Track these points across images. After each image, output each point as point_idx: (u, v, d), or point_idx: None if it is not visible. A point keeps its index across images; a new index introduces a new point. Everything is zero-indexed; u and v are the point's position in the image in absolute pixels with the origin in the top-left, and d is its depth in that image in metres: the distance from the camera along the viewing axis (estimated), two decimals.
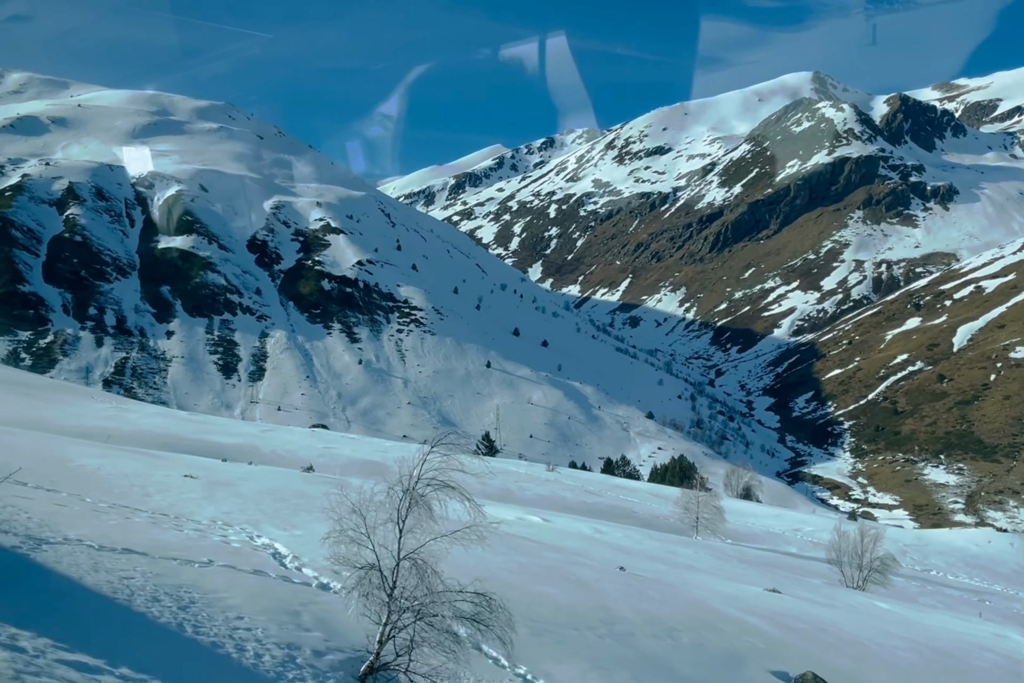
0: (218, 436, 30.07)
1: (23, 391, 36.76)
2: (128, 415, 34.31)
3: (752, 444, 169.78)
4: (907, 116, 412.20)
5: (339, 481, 21.59)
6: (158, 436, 27.33)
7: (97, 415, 31.63)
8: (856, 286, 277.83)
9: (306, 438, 36.75)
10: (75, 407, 34.09)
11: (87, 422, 28.56)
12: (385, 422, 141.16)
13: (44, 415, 28.83)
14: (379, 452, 33.99)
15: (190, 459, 22.48)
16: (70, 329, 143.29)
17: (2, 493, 10.99)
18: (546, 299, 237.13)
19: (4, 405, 30.02)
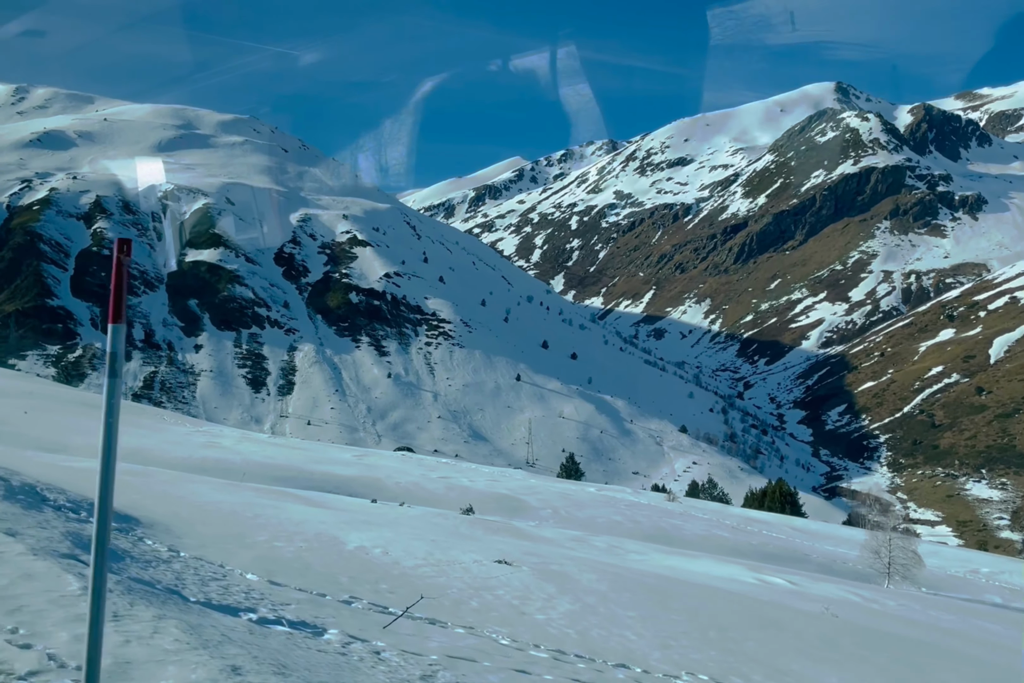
0: (329, 465, 27.81)
1: (94, 413, 34.95)
2: (221, 441, 32.27)
3: (787, 458, 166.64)
4: (931, 126, 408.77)
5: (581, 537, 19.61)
6: (274, 468, 25.06)
7: (193, 442, 29.65)
8: (885, 297, 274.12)
9: (410, 465, 34.23)
10: (164, 433, 31.99)
11: (194, 452, 26.46)
12: (415, 436, 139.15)
13: (144, 444, 26.71)
14: (494, 482, 31.41)
15: (347, 502, 20.20)
16: (98, 343, 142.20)
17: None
18: (572, 311, 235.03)
19: (93, 433, 28.02)
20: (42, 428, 26.56)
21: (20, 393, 36.40)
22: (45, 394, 38.76)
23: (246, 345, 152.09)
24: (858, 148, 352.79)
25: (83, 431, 27.90)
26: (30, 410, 30.33)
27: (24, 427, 25.87)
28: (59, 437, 25.11)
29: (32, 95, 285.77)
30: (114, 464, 3.54)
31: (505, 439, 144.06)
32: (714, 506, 38.75)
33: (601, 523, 23.61)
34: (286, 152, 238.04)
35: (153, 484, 16.68)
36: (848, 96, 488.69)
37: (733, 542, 23.78)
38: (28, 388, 41.80)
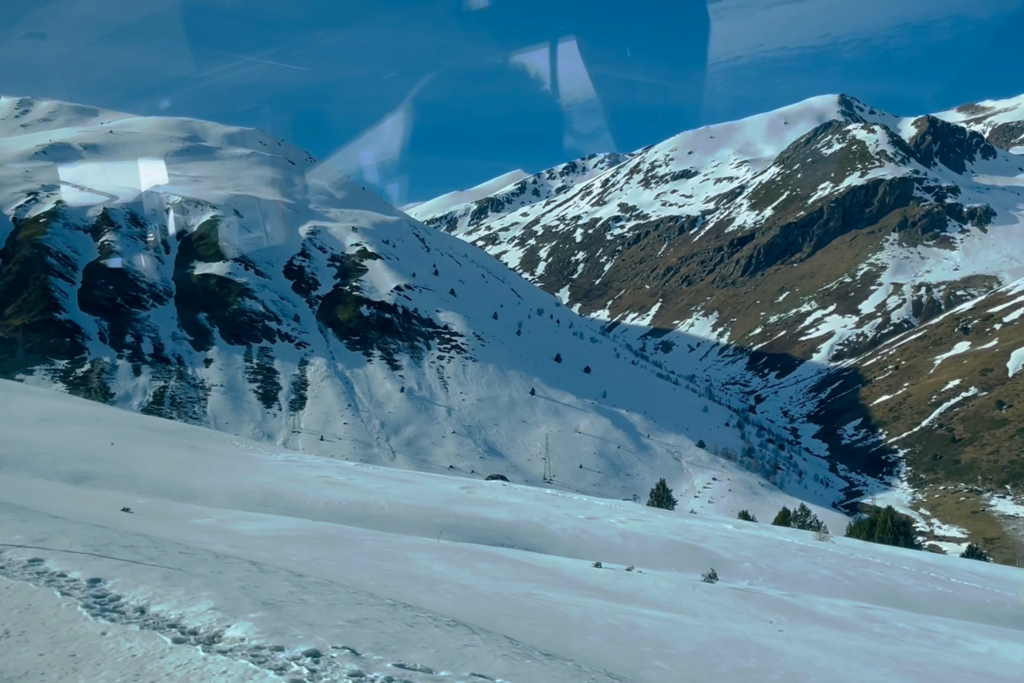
0: (469, 505, 24.92)
1: (172, 441, 32.13)
2: (330, 473, 29.35)
3: (805, 474, 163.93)
4: (936, 138, 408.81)
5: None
6: (426, 513, 21.72)
7: (305, 478, 26.72)
8: (896, 310, 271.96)
9: (536, 500, 30.89)
10: (257, 463, 29.02)
11: (325, 493, 22.81)
12: (430, 452, 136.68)
13: (261, 482, 24.10)
14: (639, 521, 28.19)
15: (575, 569, 17.29)
16: (107, 357, 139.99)
17: None
18: (581, 324, 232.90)
19: (201, 469, 25.47)
20: (145, 464, 24.29)
21: (86, 418, 33.70)
22: (107, 418, 36.13)
23: (257, 359, 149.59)
24: (865, 160, 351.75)
25: (190, 467, 25.74)
26: (104, 438, 27.87)
27: (129, 464, 23.32)
28: (175, 477, 22.96)
29: (36, 108, 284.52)
30: None
31: (521, 455, 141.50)
32: (858, 544, 36.12)
33: (815, 580, 20.90)
34: (293, 164, 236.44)
35: (365, 556, 14.34)
36: (852, 108, 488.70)
37: (969, 602, 21.04)
38: (86, 411, 39.18)
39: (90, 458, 23.37)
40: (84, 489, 19.32)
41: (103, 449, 25.14)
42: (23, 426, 27.16)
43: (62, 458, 22.57)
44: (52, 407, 35.85)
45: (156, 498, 19.25)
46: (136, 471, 21.99)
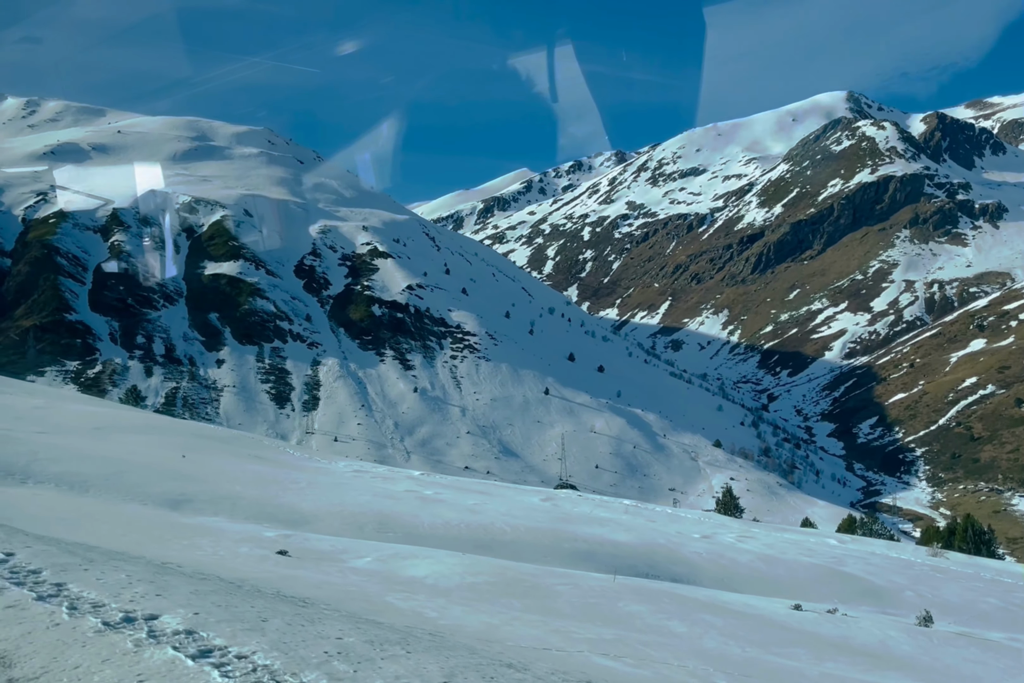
0: (576, 525, 23.26)
1: (233, 449, 30.51)
2: (422, 489, 27.71)
3: (822, 473, 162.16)
4: (945, 134, 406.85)
5: None
6: (550, 536, 20.45)
7: (393, 492, 25.15)
8: (908, 307, 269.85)
9: (633, 517, 29.22)
10: (334, 476, 27.10)
11: (444, 515, 20.98)
12: (445, 452, 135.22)
13: (360, 501, 22.33)
14: (750, 538, 26.51)
15: (774, 613, 15.56)
16: (118, 358, 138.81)
17: None
18: (592, 323, 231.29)
19: (290, 487, 23.74)
20: (233, 481, 22.75)
21: (139, 426, 31.76)
22: (159, 426, 34.51)
23: (269, 359, 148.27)
24: (875, 157, 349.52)
25: (277, 483, 24.09)
26: (170, 449, 26.23)
27: (218, 482, 21.84)
28: (274, 497, 21.44)
29: (43, 108, 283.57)
30: None
31: (536, 455, 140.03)
32: (963, 558, 34.41)
33: (990, 612, 19.02)
34: (301, 163, 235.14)
35: (580, 611, 12.79)
36: (860, 105, 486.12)
37: None
38: (133, 417, 37.30)
39: (176, 476, 21.84)
40: (189, 516, 17.91)
41: (180, 463, 23.56)
42: (81, 437, 25.56)
43: (148, 477, 21.18)
44: (98, 414, 34.18)
45: (274, 526, 17.68)
46: (230, 491, 20.42)
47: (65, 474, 19.70)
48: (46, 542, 8.99)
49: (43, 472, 19.65)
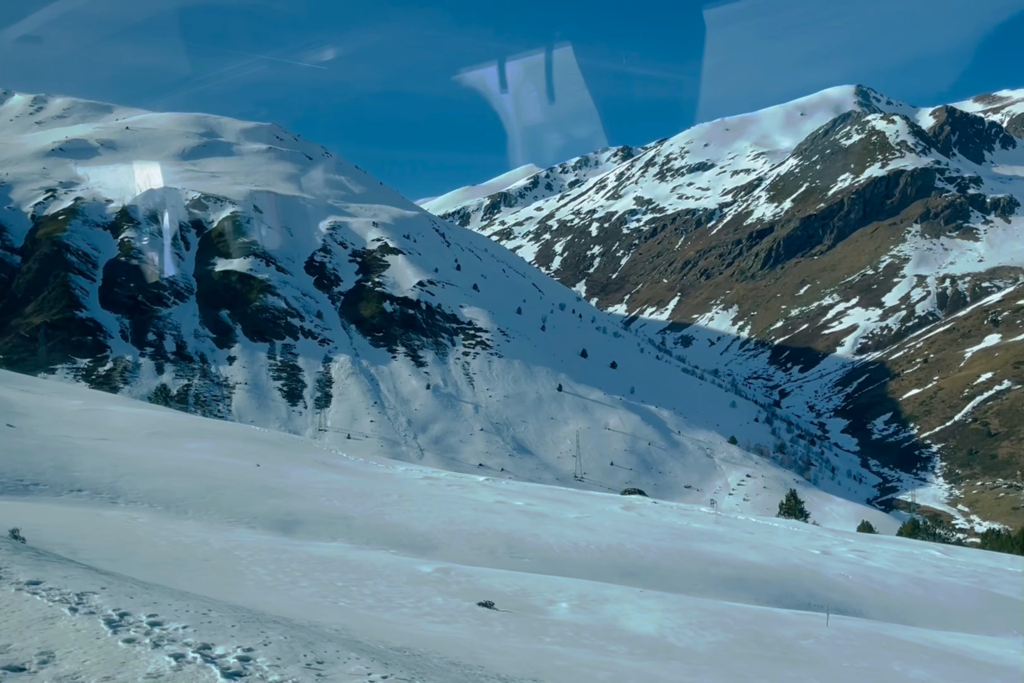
0: (709, 543, 21.81)
1: (296, 455, 28.97)
2: (511, 499, 26.39)
3: (838, 470, 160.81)
4: (954, 128, 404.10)
5: None
6: (688, 559, 19.00)
7: (479, 503, 23.94)
8: (920, 302, 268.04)
9: (728, 528, 27.57)
10: (410, 485, 25.84)
11: (570, 535, 20.03)
12: (459, 450, 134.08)
13: (472, 518, 20.83)
14: (862, 552, 25.03)
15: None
16: (129, 356, 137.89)
17: None
18: (603, 319, 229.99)
19: (387, 503, 22.02)
20: (329, 496, 21.15)
21: (193, 430, 30.14)
22: (211, 429, 33.28)
23: (280, 356, 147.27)
24: (885, 151, 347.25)
25: (373, 497, 22.43)
26: (240, 456, 24.78)
27: (315, 498, 20.34)
28: (383, 515, 19.97)
29: (50, 105, 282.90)
30: None
31: (550, 452, 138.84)
32: None
33: None
34: (310, 159, 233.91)
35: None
36: (868, 99, 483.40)
37: None
38: (183, 420, 35.88)
39: (268, 490, 20.47)
40: (310, 542, 16.41)
41: (263, 475, 22.18)
42: (143, 444, 24.22)
43: (242, 493, 19.73)
44: (144, 417, 32.78)
45: (408, 553, 16.29)
46: (332, 508, 19.05)
47: (156, 492, 18.42)
48: (243, 617, 7.47)
49: (132, 490, 18.40)
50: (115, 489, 17.79)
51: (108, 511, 15.66)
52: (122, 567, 10.20)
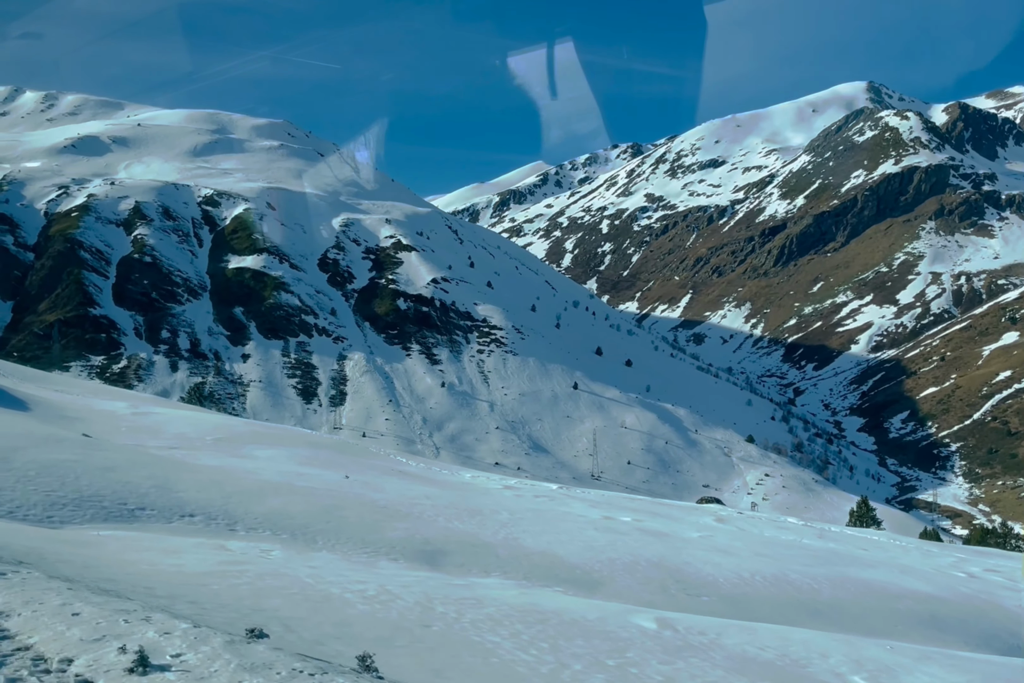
0: (868, 569, 19.99)
1: (366, 462, 27.26)
2: (618, 513, 24.84)
3: (856, 469, 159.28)
4: (967, 125, 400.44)
5: None
6: (861, 592, 17.17)
7: (605, 524, 22.42)
8: (935, 299, 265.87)
9: (840, 543, 25.65)
10: (495, 495, 24.45)
11: (727, 563, 18.41)
12: (474, 448, 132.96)
13: (609, 542, 18.78)
14: (993, 571, 23.05)
15: None
16: (143, 353, 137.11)
17: None
18: (616, 317, 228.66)
19: (505, 522, 20.30)
20: (438, 513, 19.66)
21: (253, 435, 28.68)
22: (269, 433, 31.86)
23: (294, 354, 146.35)
24: (899, 147, 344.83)
25: (481, 514, 20.68)
26: (317, 465, 23.15)
27: (432, 519, 18.75)
28: (513, 538, 18.30)
29: (61, 102, 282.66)
30: None
31: (567, 450, 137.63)
32: None
33: None
34: (322, 156, 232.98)
35: None
36: (880, 95, 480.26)
37: None
38: (237, 424, 33.93)
39: (385, 510, 18.77)
40: (465, 579, 14.79)
41: (360, 489, 20.62)
42: (220, 453, 22.65)
43: (363, 516, 18.01)
44: (202, 422, 31.06)
45: (575, 590, 14.76)
46: (467, 533, 17.48)
47: (274, 516, 16.81)
48: None
49: (247, 513, 16.75)
50: (229, 513, 16.21)
51: (231, 541, 14.22)
52: (348, 646, 8.63)
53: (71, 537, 13.09)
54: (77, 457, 18.16)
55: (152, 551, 12.71)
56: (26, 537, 12.09)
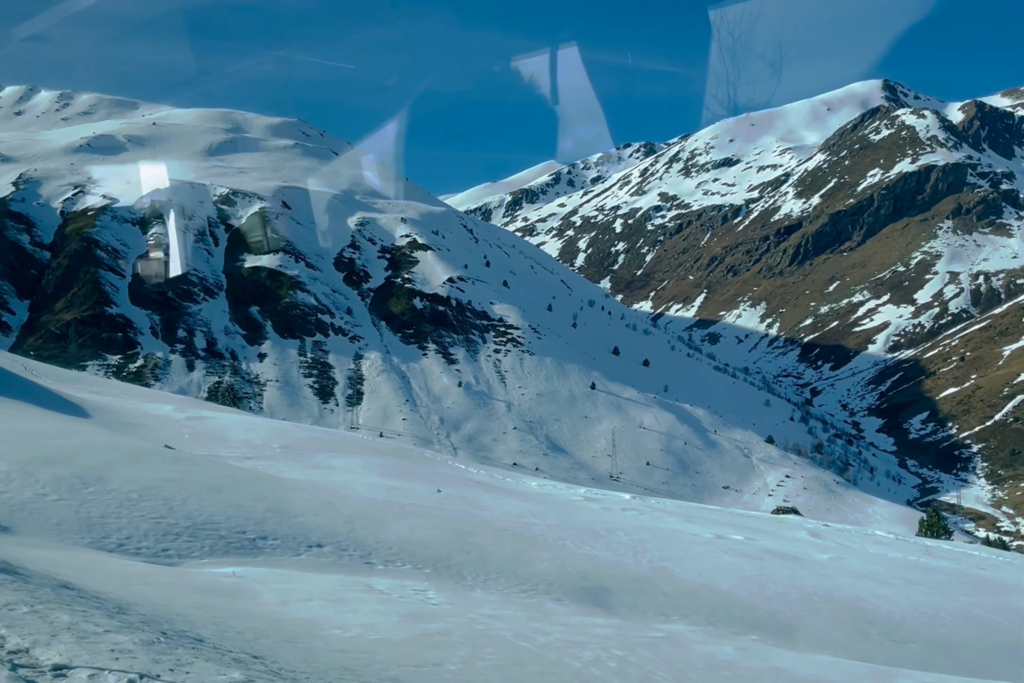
0: (1009, 596, 18.90)
1: (435, 470, 25.87)
2: (730, 532, 23.41)
3: (876, 470, 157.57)
4: (983, 123, 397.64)
5: None
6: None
7: (732, 546, 21.02)
8: (953, 299, 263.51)
9: (959, 562, 24.07)
10: (580, 508, 22.74)
11: (879, 590, 16.92)
12: (492, 449, 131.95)
13: (789, 580, 17.13)
14: None
15: None
16: (160, 352, 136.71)
17: None
18: (632, 316, 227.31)
19: (640, 547, 18.57)
20: (563, 536, 17.89)
21: (315, 442, 27.63)
22: (328, 439, 30.79)
23: (311, 353, 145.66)
24: (915, 146, 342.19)
25: (603, 539, 18.71)
26: (395, 476, 21.65)
27: (564, 546, 16.90)
28: (651, 570, 16.43)
29: (76, 101, 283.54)
30: None
31: (585, 451, 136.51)
32: None
33: None
34: (336, 155, 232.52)
35: None
36: (896, 94, 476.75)
37: None
38: (292, 429, 32.20)
39: (512, 535, 17.13)
40: (647, 625, 13.12)
41: (467, 506, 19.41)
42: (294, 464, 21.09)
43: (499, 543, 16.30)
44: (258, 426, 29.66)
45: (779, 642, 13.10)
46: (611, 562, 15.92)
47: (407, 545, 14.97)
48: None
49: (377, 542, 14.95)
50: (358, 542, 14.50)
51: (373, 578, 12.75)
52: None
53: (206, 582, 11.27)
54: (174, 475, 16.62)
55: (314, 601, 10.89)
56: (150, 581, 10.45)
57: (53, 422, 20.85)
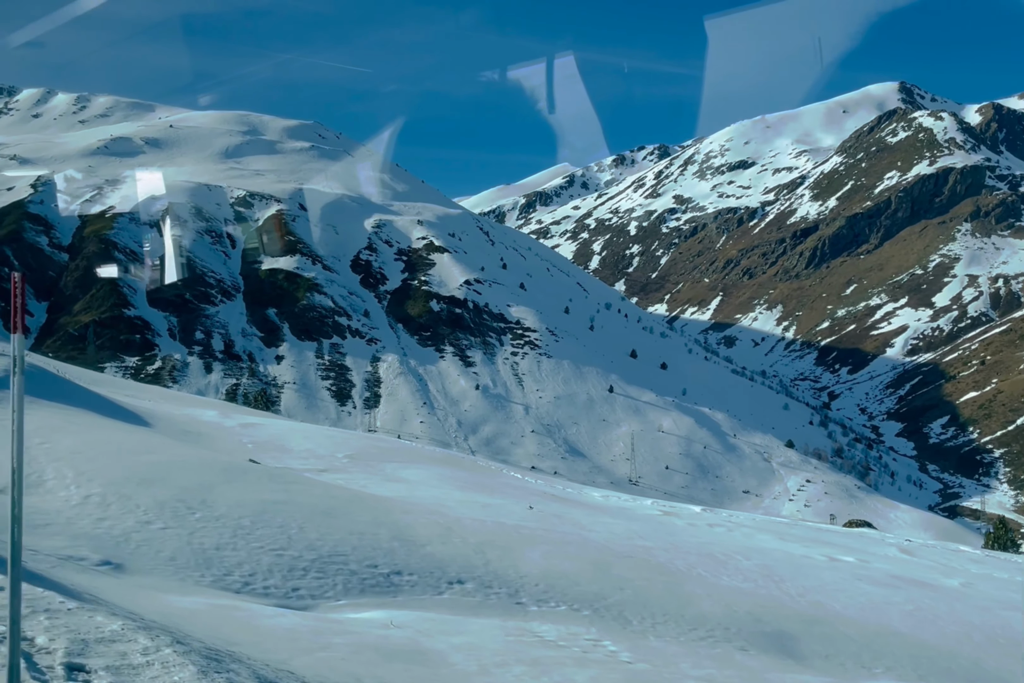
0: None
1: (504, 482, 24.68)
2: (844, 556, 22.24)
3: (897, 475, 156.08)
4: (1001, 125, 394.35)
5: None
6: None
7: (865, 573, 19.85)
8: (972, 302, 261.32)
9: None
10: (672, 527, 21.61)
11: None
12: (510, 452, 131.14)
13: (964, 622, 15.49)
14: None
15: None
16: (177, 354, 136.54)
17: None
18: (648, 319, 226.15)
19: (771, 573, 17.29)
20: (718, 572, 16.46)
21: (376, 451, 26.64)
22: (389, 448, 29.99)
23: (328, 356, 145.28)
24: (933, 148, 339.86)
25: (725, 566, 17.26)
26: (479, 490, 20.47)
27: (699, 577, 15.61)
28: (838, 612, 14.91)
29: (93, 104, 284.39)
30: None
31: (603, 455, 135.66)
32: None
33: None
34: (352, 157, 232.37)
35: None
36: (913, 96, 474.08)
37: None
38: (346, 438, 30.65)
39: (643, 564, 15.66)
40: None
41: (571, 528, 18.16)
42: (364, 474, 20.04)
43: (647, 578, 14.77)
44: (316, 434, 28.54)
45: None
46: (761, 595, 14.33)
47: (551, 580, 13.39)
48: None
49: (520, 579, 13.40)
50: (501, 578, 12.96)
51: (532, 622, 11.07)
52: None
53: (382, 642, 9.55)
54: (278, 496, 14.96)
55: (513, 666, 9.29)
56: (322, 643, 8.79)
57: (126, 434, 19.18)
